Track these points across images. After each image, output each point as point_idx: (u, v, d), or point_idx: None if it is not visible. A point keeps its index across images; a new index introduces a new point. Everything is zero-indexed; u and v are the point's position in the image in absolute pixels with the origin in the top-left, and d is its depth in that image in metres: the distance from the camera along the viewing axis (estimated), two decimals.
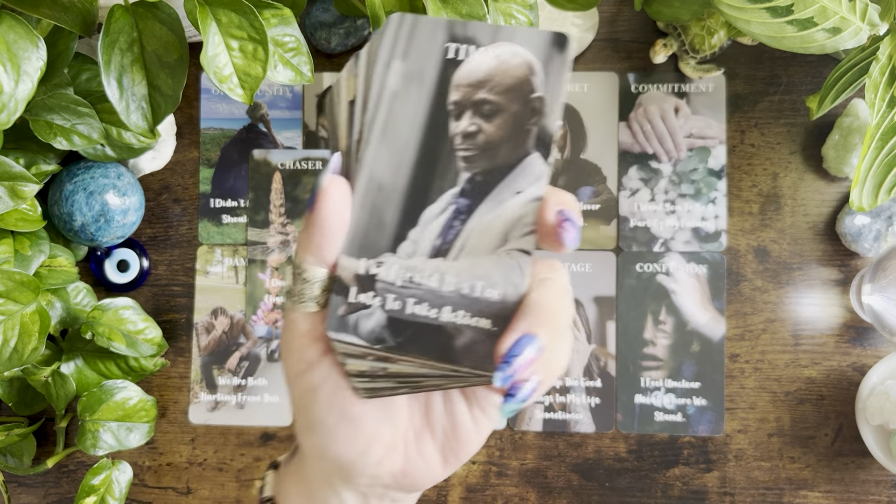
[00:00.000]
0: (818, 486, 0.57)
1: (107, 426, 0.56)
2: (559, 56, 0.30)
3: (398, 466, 0.32)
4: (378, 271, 0.29)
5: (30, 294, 0.49)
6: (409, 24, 0.30)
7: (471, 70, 0.30)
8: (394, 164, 0.30)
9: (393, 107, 0.30)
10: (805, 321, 0.58)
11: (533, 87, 0.30)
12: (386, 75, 0.30)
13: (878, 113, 0.48)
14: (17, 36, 0.42)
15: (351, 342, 0.30)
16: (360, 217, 0.30)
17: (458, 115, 0.30)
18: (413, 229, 0.30)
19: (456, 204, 0.30)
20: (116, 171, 0.56)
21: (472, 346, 0.29)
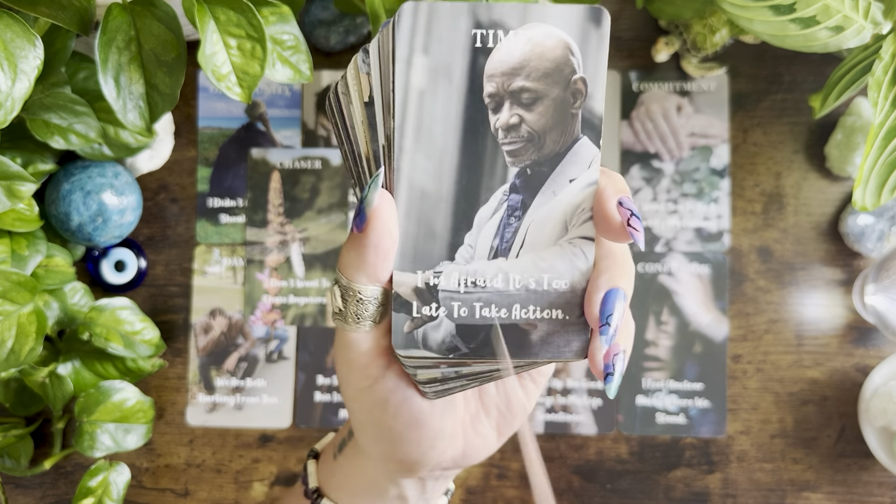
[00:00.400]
0: (821, 488, 0.57)
1: (104, 427, 0.55)
2: (596, 32, 0.28)
3: (459, 450, 0.33)
4: (438, 281, 0.29)
5: (27, 294, 0.49)
6: (425, 14, 0.27)
7: (503, 57, 0.28)
8: (434, 169, 0.28)
9: (422, 108, 0.28)
10: (808, 322, 0.58)
11: (573, 68, 0.28)
12: (409, 73, 0.28)
13: (882, 112, 0.47)
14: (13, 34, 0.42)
15: (422, 356, 0.29)
16: (407, 229, 0.28)
17: (496, 107, 0.28)
18: (468, 233, 0.29)
19: (509, 201, 0.29)
20: (114, 170, 0.56)
21: (549, 339, 0.29)
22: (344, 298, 0.29)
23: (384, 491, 0.35)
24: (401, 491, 0.35)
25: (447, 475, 0.35)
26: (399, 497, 0.35)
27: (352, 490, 0.35)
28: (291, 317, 0.60)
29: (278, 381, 0.60)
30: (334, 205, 0.60)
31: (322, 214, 0.60)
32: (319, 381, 0.59)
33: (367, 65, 0.28)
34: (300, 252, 0.60)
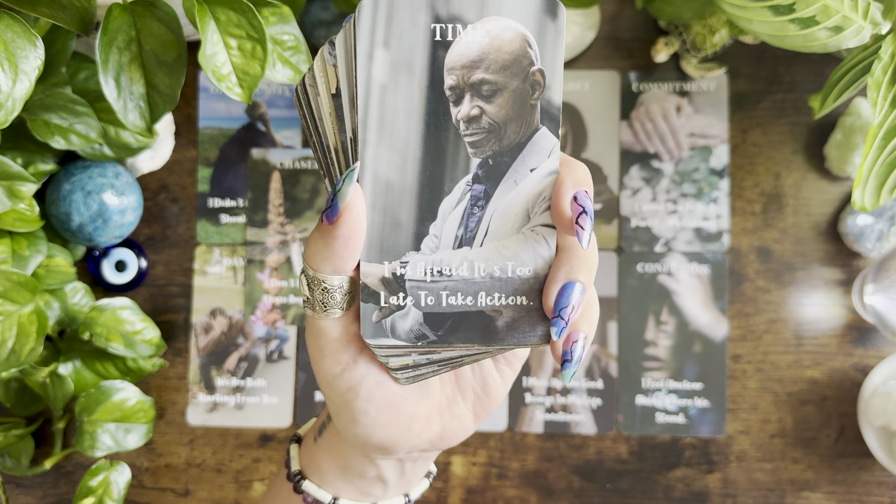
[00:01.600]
0: (820, 488, 0.57)
1: (105, 427, 0.56)
2: (553, 23, 0.29)
3: (436, 433, 0.34)
4: (405, 271, 0.29)
5: (27, 294, 0.49)
6: (385, 8, 0.28)
7: (462, 50, 0.28)
8: (398, 161, 0.29)
9: (384, 101, 0.28)
10: (807, 322, 0.58)
11: (531, 60, 0.29)
12: (370, 68, 0.28)
13: (881, 112, 0.48)
14: (14, 35, 0.42)
15: (391, 345, 0.30)
16: (373, 220, 0.29)
17: (456, 100, 0.29)
18: (433, 223, 0.29)
19: (472, 191, 0.30)
20: (114, 170, 0.56)
21: (514, 324, 0.30)
22: (310, 287, 0.29)
23: (363, 472, 0.35)
24: (379, 472, 0.35)
25: (426, 457, 0.36)
26: (378, 478, 0.35)
27: (332, 472, 0.36)
28: (292, 317, 0.60)
29: (279, 381, 0.60)
30: None
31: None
32: None
33: (334, 57, 0.28)
34: (300, 252, 0.60)
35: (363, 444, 0.33)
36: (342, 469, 0.36)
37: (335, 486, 0.36)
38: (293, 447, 0.37)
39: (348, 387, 0.31)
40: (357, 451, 0.34)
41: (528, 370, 0.59)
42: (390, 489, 0.36)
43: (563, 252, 0.29)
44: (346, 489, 0.36)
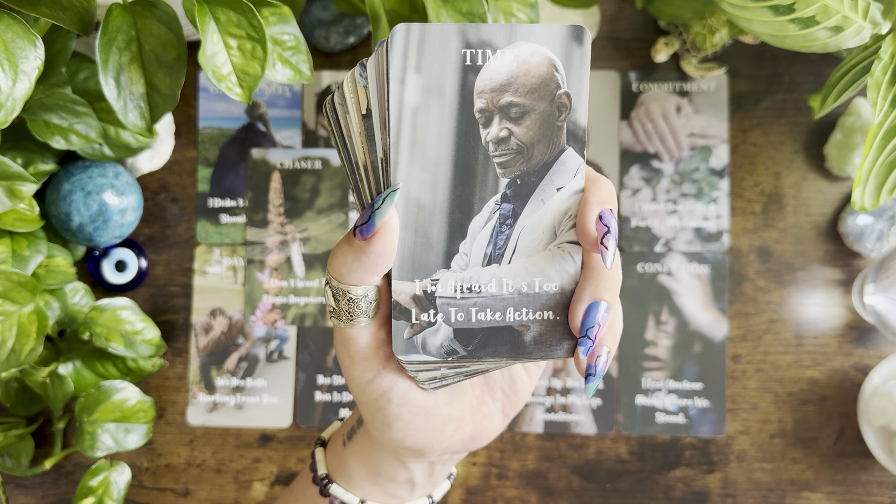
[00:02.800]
0: (820, 488, 0.57)
1: (105, 427, 0.56)
2: (579, 49, 0.30)
3: (467, 433, 0.34)
4: (435, 288, 0.30)
5: (27, 294, 0.49)
6: (417, 35, 0.29)
7: (491, 75, 0.29)
8: (429, 182, 0.30)
9: (416, 124, 0.29)
10: (807, 322, 0.58)
11: (557, 83, 0.30)
12: (402, 91, 0.29)
13: (881, 112, 0.48)
14: (14, 35, 0.42)
15: (422, 360, 0.31)
16: (404, 239, 0.30)
17: (486, 122, 0.30)
18: (463, 242, 0.30)
19: (500, 210, 0.30)
20: (114, 170, 0.56)
21: (541, 338, 0.31)
22: (336, 298, 0.30)
23: (393, 476, 0.36)
24: (410, 475, 0.36)
25: (456, 458, 0.37)
26: (408, 481, 0.36)
27: (361, 475, 0.36)
28: (292, 317, 0.60)
29: (279, 381, 0.60)
30: (334, 205, 0.60)
31: (322, 214, 0.60)
32: (320, 381, 0.60)
33: (365, 78, 0.29)
34: (300, 252, 0.60)
35: (398, 447, 0.33)
36: (372, 473, 0.36)
37: (363, 489, 0.36)
38: (318, 451, 0.38)
39: (381, 392, 0.32)
40: (390, 454, 0.35)
41: None
42: (417, 491, 0.37)
43: (588, 271, 0.30)
44: (374, 492, 0.36)
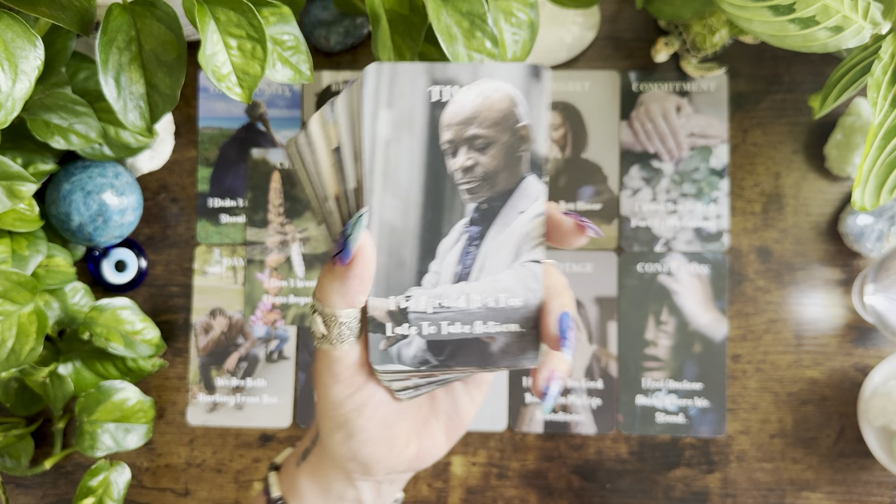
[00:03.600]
0: (820, 488, 0.57)
1: (105, 427, 0.56)
2: (537, 85, 0.32)
3: (413, 452, 0.37)
4: (408, 304, 0.33)
5: (27, 294, 0.49)
6: (388, 73, 0.31)
7: (457, 109, 0.32)
8: (401, 207, 0.32)
9: (388, 155, 0.32)
10: (807, 321, 0.58)
11: (517, 117, 0.32)
12: (375, 125, 0.31)
13: (881, 112, 0.48)
14: (14, 35, 0.42)
15: (397, 370, 0.34)
16: (379, 260, 0.32)
17: (453, 152, 0.32)
18: (433, 262, 0.33)
19: (468, 232, 0.33)
20: (114, 170, 0.56)
21: (507, 349, 0.34)
22: (327, 324, 0.33)
23: (343, 494, 0.38)
24: (358, 494, 0.38)
25: (401, 479, 0.39)
26: (356, 500, 0.38)
27: (313, 495, 0.38)
28: (292, 316, 0.60)
29: (278, 381, 0.60)
30: None
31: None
32: None
33: (335, 116, 0.32)
34: (300, 252, 0.60)
35: (351, 459, 0.36)
36: (324, 491, 0.38)
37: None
38: (272, 474, 0.40)
39: (355, 406, 0.34)
40: (340, 472, 0.37)
41: (527, 371, 0.59)
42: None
43: (549, 289, 0.33)
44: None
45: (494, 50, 0.46)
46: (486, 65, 0.32)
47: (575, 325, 0.32)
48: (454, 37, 0.45)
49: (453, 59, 0.45)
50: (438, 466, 0.59)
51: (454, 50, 0.45)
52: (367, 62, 0.61)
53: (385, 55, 0.47)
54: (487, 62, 0.33)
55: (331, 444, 0.36)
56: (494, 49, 0.46)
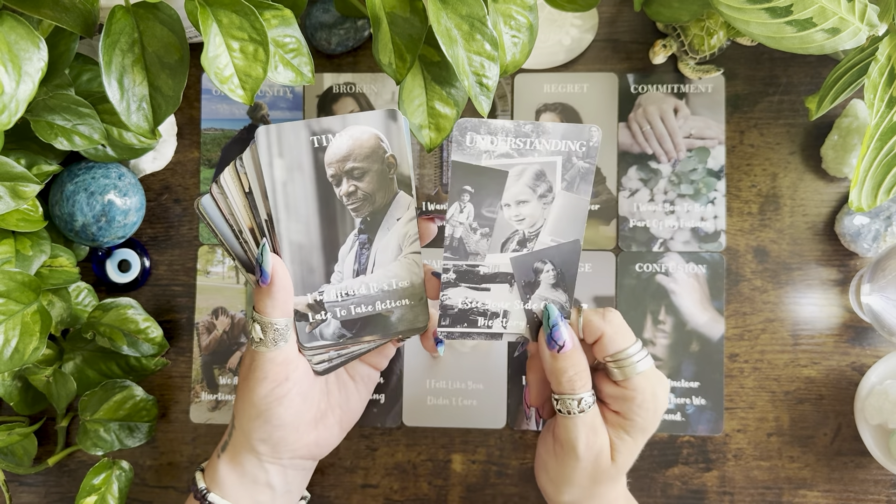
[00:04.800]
0: (817, 486, 0.57)
1: (107, 426, 0.56)
2: (395, 124, 0.43)
3: (312, 439, 0.46)
4: (322, 297, 0.44)
5: (31, 294, 0.49)
6: (275, 133, 0.42)
7: (335, 151, 0.42)
8: (303, 229, 0.43)
9: (287, 191, 0.42)
10: (804, 321, 0.58)
11: (384, 149, 0.43)
12: (272, 172, 0.42)
13: (877, 113, 0.48)
14: (18, 37, 0.42)
15: (320, 345, 0.45)
16: (294, 270, 0.43)
17: (337, 183, 0.42)
18: (336, 264, 0.44)
19: (359, 239, 0.44)
20: (117, 171, 0.56)
21: (402, 318, 0.45)
22: (264, 331, 0.42)
23: (255, 477, 0.46)
24: (268, 477, 0.46)
25: (302, 466, 0.48)
26: (267, 484, 0.46)
27: (231, 481, 0.46)
28: None
29: None
30: None
31: None
32: None
33: (243, 167, 0.42)
34: None
35: (264, 440, 0.44)
36: (240, 476, 0.46)
37: (235, 495, 0.46)
38: (198, 473, 0.48)
39: (276, 397, 0.43)
40: (253, 456, 0.45)
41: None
42: (277, 498, 0.47)
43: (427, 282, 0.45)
44: (244, 498, 0.46)
45: (494, 52, 0.46)
46: (351, 115, 0.42)
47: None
48: (454, 39, 0.46)
49: (453, 62, 0.46)
50: (438, 465, 0.59)
51: (454, 52, 0.46)
52: (368, 64, 0.61)
53: (386, 57, 0.47)
54: (353, 113, 0.43)
55: (249, 429, 0.44)
56: (494, 52, 0.46)
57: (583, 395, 0.43)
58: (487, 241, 0.42)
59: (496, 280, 0.43)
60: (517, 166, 0.42)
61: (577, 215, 0.43)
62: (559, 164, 0.42)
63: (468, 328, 0.43)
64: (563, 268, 0.43)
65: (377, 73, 0.61)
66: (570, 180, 0.42)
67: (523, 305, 0.43)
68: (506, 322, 0.44)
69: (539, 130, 0.41)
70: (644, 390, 0.43)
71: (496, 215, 0.42)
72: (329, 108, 0.61)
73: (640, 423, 0.43)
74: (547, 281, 0.43)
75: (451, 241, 0.42)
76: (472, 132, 0.41)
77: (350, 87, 0.61)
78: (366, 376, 0.49)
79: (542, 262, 0.43)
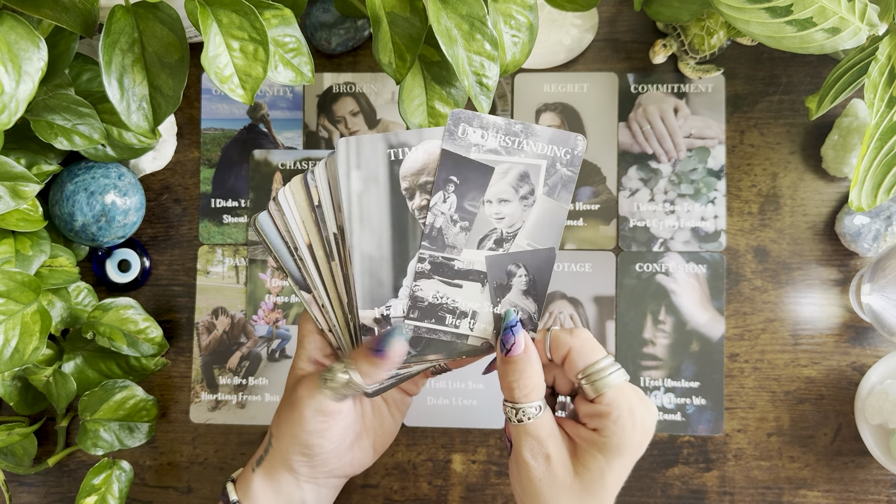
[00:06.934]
0: (817, 486, 0.57)
1: (107, 426, 0.56)
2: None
3: (347, 460, 0.46)
4: (389, 312, 0.42)
5: (31, 294, 0.49)
6: (355, 144, 0.42)
7: (410, 164, 0.42)
8: (375, 241, 0.42)
9: (362, 202, 0.42)
10: (804, 321, 0.58)
11: None
12: (349, 183, 0.42)
13: (877, 113, 0.48)
14: (18, 36, 0.42)
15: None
16: (362, 282, 0.42)
17: (411, 196, 0.42)
18: (405, 278, 0.42)
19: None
20: (117, 171, 0.56)
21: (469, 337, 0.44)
22: (347, 386, 0.42)
23: (290, 495, 0.45)
24: (303, 495, 0.46)
25: (336, 484, 0.48)
26: (301, 501, 0.46)
27: (265, 495, 0.45)
28: (293, 316, 0.60)
29: (280, 380, 0.60)
30: None
31: None
32: None
33: (314, 180, 0.42)
34: None
35: (304, 465, 0.44)
36: (275, 492, 0.45)
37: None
38: (229, 484, 0.47)
39: (323, 430, 0.43)
40: (290, 473, 0.45)
41: None
42: None
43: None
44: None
45: (494, 52, 0.46)
46: (427, 130, 0.42)
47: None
48: (454, 39, 0.46)
49: (453, 62, 0.46)
50: (438, 464, 0.59)
51: (454, 52, 0.46)
52: (369, 64, 0.61)
53: (386, 57, 0.47)
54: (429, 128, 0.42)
55: (289, 452, 0.44)
56: (494, 51, 0.46)
57: (523, 406, 0.41)
58: (466, 235, 0.42)
59: (469, 277, 0.42)
60: (503, 164, 0.42)
61: (554, 222, 0.43)
62: (543, 167, 0.42)
63: (435, 324, 0.43)
64: (536, 275, 0.43)
65: (377, 72, 0.61)
66: (551, 186, 0.42)
67: (492, 309, 0.43)
68: (473, 324, 0.43)
69: (528, 131, 0.41)
70: (619, 405, 0.40)
71: (478, 210, 0.42)
72: (329, 108, 0.61)
73: (616, 441, 0.40)
74: (519, 286, 0.43)
75: (432, 230, 0.42)
76: (466, 124, 0.41)
77: (350, 86, 0.61)
78: (399, 401, 0.49)
79: (516, 266, 0.43)
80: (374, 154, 0.41)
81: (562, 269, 0.59)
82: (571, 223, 0.59)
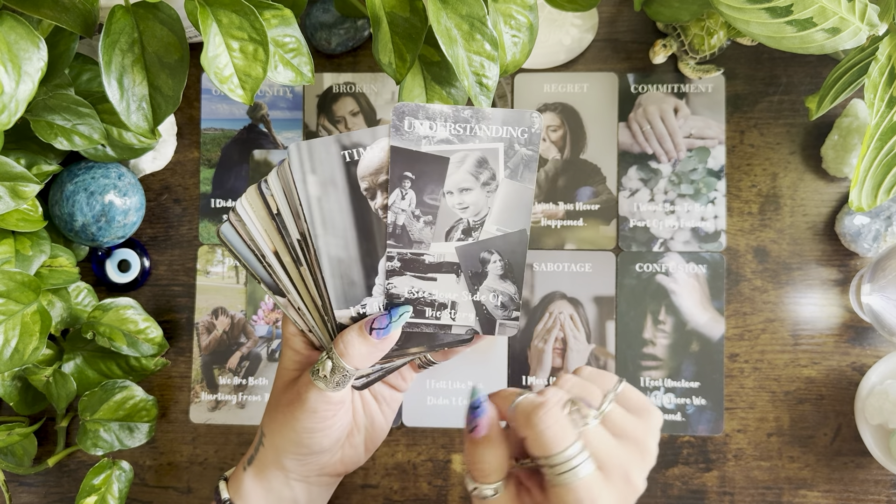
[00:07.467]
0: (817, 486, 0.57)
1: (107, 426, 0.56)
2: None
3: (339, 458, 0.46)
4: (365, 310, 0.42)
5: (31, 294, 0.49)
6: (306, 149, 0.40)
7: (367, 164, 0.41)
8: (341, 244, 0.41)
9: (322, 206, 0.41)
10: (804, 321, 0.58)
11: None
12: (306, 188, 0.41)
13: (878, 113, 0.48)
14: (18, 36, 0.42)
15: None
16: (334, 284, 0.42)
17: (372, 196, 0.41)
18: (376, 276, 0.42)
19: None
20: (117, 171, 0.56)
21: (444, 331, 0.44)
22: (333, 371, 0.41)
23: (281, 493, 0.46)
24: (294, 494, 0.46)
25: (329, 482, 0.48)
26: (293, 500, 0.46)
27: (256, 494, 0.45)
28: None
29: None
30: None
31: None
32: None
33: (269, 189, 0.41)
34: None
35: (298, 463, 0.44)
36: (266, 491, 0.46)
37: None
38: (221, 483, 0.47)
39: (319, 429, 0.43)
40: (281, 472, 0.45)
41: (527, 369, 0.59)
42: None
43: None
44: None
45: (494, 52, 0.46)
46: (381, 128, 0.41)
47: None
48: (454, 39, 0.46)
49: (453, 62, 0.46)
50: (438, 464, 0.59)
51: (454, 52, 0.46)
52: (369, 64, 0.61)
53: (386, 57, 0.47)
54: (382, 127, 0.41)
55: (281, 450, 0.44)
56: (494, 51, 0.46)
57: (477, 486, 0.39)
58: (431, 229, 0.42)
59: (442, 270, 0.42)
60: (458, 153, 0.41)
61: (521, 204, 0.42)
62: (501, 150, 0.41)
63: (416, 318, 0.43)
64: (511, 258, 0.42)
65: (377, 72, 0.61)
66: (513, 168, 0.41)
67: (471, 297, 0.43)
68: (454, 314, 0.43)
69: (479, 116, 0.41)
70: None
71: (439, 203, 0.41)
72: (329, 108, 0.61)
73: None
74: (495, 272, 0.42)
75: (395, 228, 0.41)
76: (410, 117, 0.40)
77: (350, 86, 0.61)
78: (389, 398, 0.49)
79: (488, 253, 0.42)
80: (329, 157, 0.41)
81: (562, 269, 0.59)
82: (572, 223, 0.59)
